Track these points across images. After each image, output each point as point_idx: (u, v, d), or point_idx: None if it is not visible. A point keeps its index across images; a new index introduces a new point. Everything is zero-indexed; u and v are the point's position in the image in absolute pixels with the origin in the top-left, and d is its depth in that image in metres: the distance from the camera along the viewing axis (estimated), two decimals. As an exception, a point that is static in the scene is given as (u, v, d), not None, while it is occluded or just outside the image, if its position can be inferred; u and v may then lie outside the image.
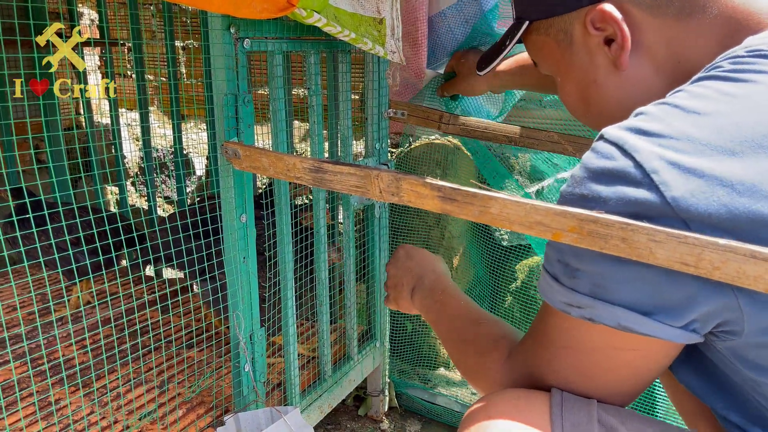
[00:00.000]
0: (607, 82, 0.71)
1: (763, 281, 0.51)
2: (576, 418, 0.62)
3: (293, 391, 1.28)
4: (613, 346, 0.62)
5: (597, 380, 0.65)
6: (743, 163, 0.52)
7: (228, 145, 0.98)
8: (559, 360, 0.67)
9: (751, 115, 0.53)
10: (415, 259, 1.05)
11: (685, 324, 0.57)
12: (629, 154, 0.55)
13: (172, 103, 1.84)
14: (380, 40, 1.11)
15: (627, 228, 0.57)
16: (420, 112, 1.46)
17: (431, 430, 1.66)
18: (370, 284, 1.55)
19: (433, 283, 0.98)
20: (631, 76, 0.69)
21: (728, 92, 0.55)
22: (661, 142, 0.54)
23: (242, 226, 1.06)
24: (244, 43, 0.99)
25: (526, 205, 0.65)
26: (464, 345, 0.84)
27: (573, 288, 0.60)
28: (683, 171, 0.52)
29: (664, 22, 0.66)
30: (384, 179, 0.79)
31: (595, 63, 0.71)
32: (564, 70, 0.76)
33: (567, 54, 0.74)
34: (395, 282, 1.05)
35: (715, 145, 0.53)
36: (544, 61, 0.80)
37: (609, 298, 0.58)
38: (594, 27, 0.69)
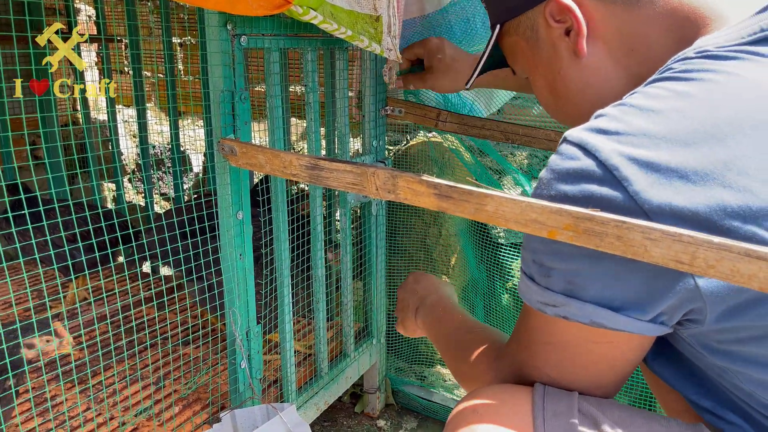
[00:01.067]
0: (570, 71, 0.75)
1: (757, 279, 0.51)
2: (557, 407, 0.65)
3: (289, 388, 1.28)
4: (589, 340, 0.65)
5: (577, 374, 0.68)
6: (697, 153, 0.54)
7: (224, 142, 0.98)
8: (539, 357, 0.70)
9: (702, 110, 0.56)
10: (421, 283, 1.10)
11: (653, 317, 0.60)
12: (591, 154, 0.57)
13: (169, 99, 1.84)
14: (377, 37, 1.10)
15: (622, 226, 0.57)
16: (417, 110, 1.46)
17: (427, 427, 1.66)
18: (367, 282, 1.56)
19: (435, 302, 1.03)
20: (590, 63, 0.73)
21: (680, 91, 0.58)
22: (620, 140, 0.57)
23: (238, 223, 1.06)
24: (241, 39, 0.99)
25: (522, 203, 0.65)
26: (458, 353, 0.88)
27: (547, 287, 0.63)
28: (643, 165, 0.55)
29: (614, 10, 0.70)
30: (380, 176, 0.79)
31: (559, 54, 0.75)
32: (534, 67, 0.81)
33: (535, 50, 0.79)
34: (402, 305, 1.10)
35: (670, 138, 0.56)
36: (518, 62, 0.85)
37: (581, 296, 0.61)
38: (554, 20, 0.73)
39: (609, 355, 0.66)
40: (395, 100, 1.48)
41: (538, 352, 0.70)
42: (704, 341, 0.62)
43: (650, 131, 0.57)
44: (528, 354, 0.72)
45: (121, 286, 1.76)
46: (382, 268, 1.58)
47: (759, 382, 0.62)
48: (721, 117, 0.55)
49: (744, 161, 0.54)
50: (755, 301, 0.56)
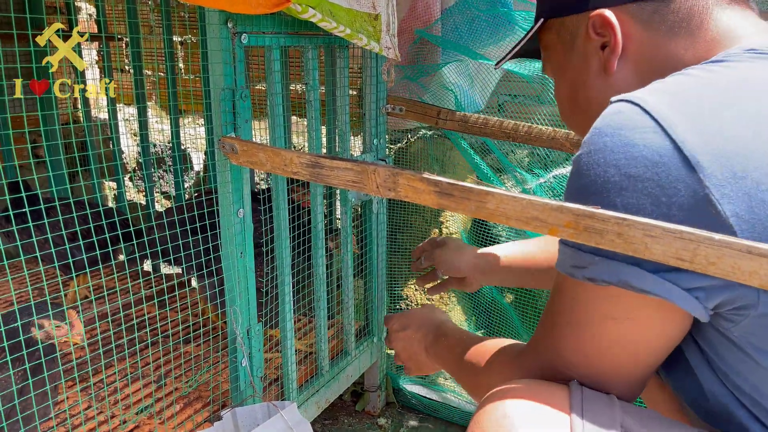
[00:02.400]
0: (595, 84, 0.77)
1: (758, 276, 0.51)
2: (597, 418, 0.61)
3: (290, 386, 1.28)
4: (609, 315, 0.63)
5: (597, 360, 0.66)
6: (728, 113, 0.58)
7: (225, 140, 0.98)
8: (561, 340, 0.68)
9: (712, 88, 0.61)
10: (410, 327, 1.10)
11: (690, 288, 0.57)
12: (636, 104, 0.60)
13: (170, 97, 1.84)
14: (375, 36, 1.10)
15: (623, 223, 0.57)
16: (418, 108, 1.46)
17: (428, 425, 1.66)
18: (368, 280, 1.56)
19: (437, 336, 1.04)
20: (616, 82, 0.75)
21: (695, 74, 0.63)
22: (660, 95, 0.60)
23: (239, 221, 1.06)
24: (242, 38, 0.99)
25: (523, 201, 0.65)
26: (472, 368, 0.87)
27: (578, 247, 0.63)
28: (682, 114, 0.58)
29: (654, 36, 0.72)
30: (381, 174, 0.79)
31: (589, 66, 0.77)
32: (562, 70, 0.82)
33: (569, 55, 0.80)
34: (408, 355, 1.10)
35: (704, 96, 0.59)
36: (549, 60, 0.86)
37: (612, 255, 0.60)
38: (595, 31, 0.75)
39: (629, 337, 0.63)
40: (395, 97, 1.48)
41: (560, 334, 0.68)
42: (757, 340, 0.59)
43: (672, 90, 0.60)
44: (551, 339, 0.70)
45: (122, 284, 1.76)
46: (383, 266, 1.58)
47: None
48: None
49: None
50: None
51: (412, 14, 1.55)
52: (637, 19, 0.72)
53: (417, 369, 1.11)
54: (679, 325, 0.62)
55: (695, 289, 0.57)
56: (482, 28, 1.45)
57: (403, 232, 1.84)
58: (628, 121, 0.58)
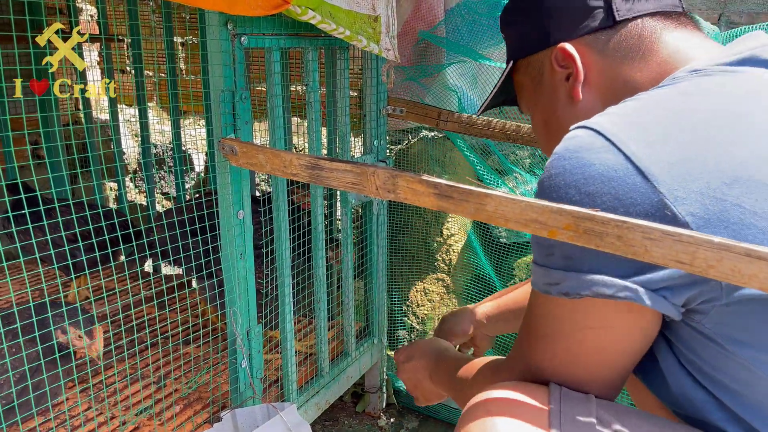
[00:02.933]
0: (564, 113, 0.83)
1: (758, 280, 0.51)
2: (576, 410, 0.65)
3: (290, 387, 1.28)
4: (585, 325, 0.67)
5: (574, 368, 0.69)
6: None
7: (225, 141, 0.98)
8: (537, 351, 0.72)
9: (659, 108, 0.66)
10: (414, 357, 1.17)
11: (657, 288, 0.61)
12: (590, 128, 0.65)
13: (171, 99, 1.84)
14: (375, 37, 1.10)
15: (623, 226, 0.57)
16: (418, 109, 1.46)
17: (428, 426, 1.66)
18: (368, 281, 1.55)
19: (437, 365, 1.12)
20: (583, 108, 0.81)
21: (644, 97, 0.68)
22: (612, 119, 0.65)
23: (239, 223, 1.06)
24: (242, 39, 0.99)
25: (522, 203, 0.65)
26: (461, 383, 0.94)
27: (548, 265, 0.67)
28: (634, 136, 0.63)
29: (611, 63, 0.78)
30: (380, 176, 0.79)
31: (557, 96, 0.84)
32: (535, 104, 0.90)
33: (538, 89, 0.87)
34: (413, 384, 1.17)
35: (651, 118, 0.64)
36: (523, 98, 0.93)
37: (579, 268, 0.64)
38: (559, 65, 0.82)
39: (605, 344, 0.67)
40: (396, 99, 1.48)
41: (536, 346, 0.72)
42: (727, 329, 0.62)
43: (636, 113, 0.65)
44: (528, 349, 0.73)
45: (122, 285, 1.76)
46: (384, 267, 1.58)
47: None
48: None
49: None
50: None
51: (416, 15, 1.55)
52: (594, 48, 0.79)
53: (424, 398, 1.17)
54: (650, 326, 0.66)
55: (662, 289, 0.61)
56: (483, 30, 1.45)
57: (403, 233, 1.84)
58: (584, 143, 0.62)
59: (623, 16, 0.78)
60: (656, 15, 0.78)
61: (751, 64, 0.68)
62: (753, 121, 0.60)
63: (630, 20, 0.78)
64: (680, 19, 0.79)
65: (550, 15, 0.83)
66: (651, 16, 0.78)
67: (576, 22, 0.80)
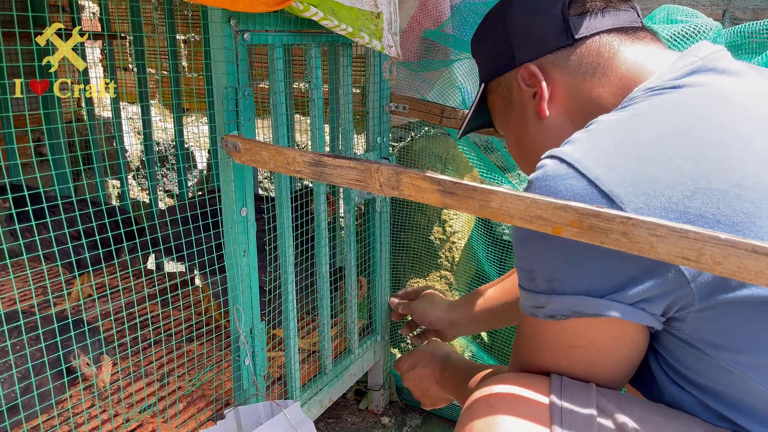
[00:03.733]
0: (534, 129, 0.87)
1: (765, 276, 0.50)
2: (575, 399, 0.68)
3: (293, 384, 1.28)
4: (574, 344, 0.71)
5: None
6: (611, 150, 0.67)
7: (228, 138, 0.98)
8: (528, 365, 0.77)
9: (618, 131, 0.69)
10: (419, 365, 1.23)
11: (635, 302, 0.64)
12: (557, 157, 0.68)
13: (173, 96, 1.84)
14: (377, 34, 1.10)
15: (628, 222, 0.57)
16: (421, 106, 1.46)
17: (432, 424, 1.66)
18: (372, 278, 1.55)
19: (442, 371, 1.18)
20: (551, 124, 0.85)
21: (604, 120, 0.70)
22: (576, 147, 0.68)
23: (242, 220, 1.06)
24: (245, 36, 0.98)
25: (527, 199, 0.65)
26: (466, 391, 0.98)
27: (533, 290, 0.70)
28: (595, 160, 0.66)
29: (573, 80, 0.82)
30: (384, 173, 0.79)
31: (526, 114, 0.88)
32: (507, 123, 0.94)
33: (509, 108, 0.91)
34: (421, 391, 1.24)
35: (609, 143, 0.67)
36: (496, 118, 0.97)
37: (561, 291, 0.67)
38: (525, 84, 0.86)
39: (594, 359, 0.71)
40: (399, 96, 1.47)
41: (527, 361, 0.77)
42: (705, 334, 0.65)
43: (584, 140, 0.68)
44: (521, 363, 0.78)
45: (126, 282, 1.76)
46: (387, 265, 1.57)
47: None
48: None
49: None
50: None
51: (422, 11, 1.55)
52: (556, 66, 0.83)
53: (431, 403, 1.24)
54: (637, 337, 0.69)
55: (639, 302, 0.64)
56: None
57: (406, 231, 1.84)
58: (551, 172, 0.66)
59: (581, 33, 0.81)
60: (613, 31, 0.81)
61: (702, 72, 0.71)
62: (698, 135, 0.63)
63: (588, 37, 0.81)
64: (638, 34, 0.82)
65: (513, 36, 0.87)
66: (608, 32, 0.81)
67: (537, 41, 0.84)
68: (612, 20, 0.81)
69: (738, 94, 0.68)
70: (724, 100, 0.67)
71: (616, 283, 0.64)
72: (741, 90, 0.69)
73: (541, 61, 0.84)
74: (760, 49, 1.15)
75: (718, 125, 0.63)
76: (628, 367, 0.72)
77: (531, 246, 0.69)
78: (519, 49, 0.86)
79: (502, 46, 0.89)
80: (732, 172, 0.60)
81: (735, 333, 0.63)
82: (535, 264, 0.69)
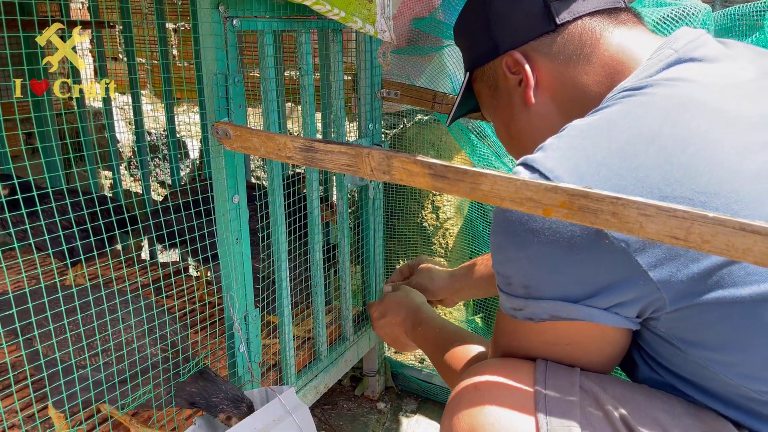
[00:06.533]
0: (521, 116, 0.87)
1: (752, 254, 0.51)
2: (558, 383, 0.71)
3: (289, 371, 1.29)
4: (552, 343, 0.73)
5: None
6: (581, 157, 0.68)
7: (218, 125, 0.97)
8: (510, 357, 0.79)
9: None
10: (388, 314, 1.28)
11: (609, 306, 0.66)
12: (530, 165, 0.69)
13: (164, 82, 1.82)
14: (370, 18, 1.09)
15: (617, 203, 0.57)
16: (413, 92, 1.45)
17: (427, 409, 1.67)
18: (365, 266, 1.56)
19: (414, 324, 1.23)
20: (538, 111, 0.85)
21: (577, 125, 0.70)
22: (547, 154, 0.70)
23: (234, 207, 1.06)
24: (233, 22, 0.98)
25: (517, 182, 0.65)
26: (447, 364, 1.05)
27: (510, 293, 0.72)
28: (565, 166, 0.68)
29: (558, 66, 0.82)
30: (375, 157, 0.79)
31: (513, 101, 0.88)
32: (494, 110, 0.93)
33: (495, 96, 0.91)
34: (391, 339, 1.30)
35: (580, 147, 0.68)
36: (484, 106, 0.97)
37: (537, 296, 0.69)
38: (510, 71, 0.86)
39: (572, 357, 0.73)
40: (391, 82, 1.47)
41: (509, 354, 0.79)
42: (679, 332, 0.67)
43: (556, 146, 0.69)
44: (502, 355, 0.81)
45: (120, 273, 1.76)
46: (380, 251, 1.58)
47: (738, 372, 0.65)
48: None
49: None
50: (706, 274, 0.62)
51: None
52: (540, 53, 0.83)
53: (401, 348, 1.31)
54: (616, 335, 0.71)
55: (613, 307, 0.66)
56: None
57: (399, 218, 1.84)
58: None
59: (564, 19, 0.81)
60: (596, 14, 0.81)
61: (678, 64, 0.71)
62: (664, 143, 0.63)
63: (571, 22, 0.81)
64: (620, 16, 0.81)
65: (496, 24, 0.86)
66: (591, 15, 0.81)
67: (521, 29, 0.84)
68: (594, 2, 0.81)
69: (708, 91, 0.67)
70: (693, 101, 0.66)
71: (589, 290, 0.66)
72: (714, 83, 0.68)
73: (524, 48, 0.84)
74: (750, 32, 1.15)
75: (684, 130, 0.63)
76: (610, 361, 0.75)
77: (506, 253, 0.70)
78: (502, 37, 0.86)
79: (485, 35, 0.88)
80: (697, 180, 0.61)
81: (706, 333, 0.65)
82: (511, 271, 0.71)
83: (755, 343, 0.63)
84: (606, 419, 0.67)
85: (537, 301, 0.69)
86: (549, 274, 0.67)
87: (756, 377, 0.65)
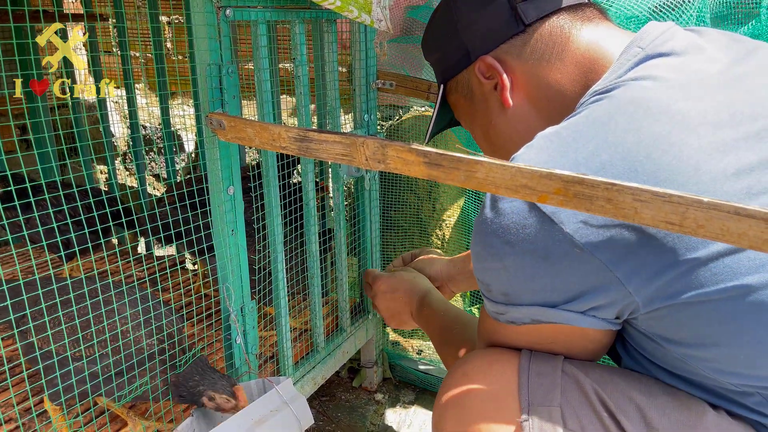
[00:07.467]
0: (500, 120, 0.87)
1: (747, 238, 0.51)
2: (541, 368, 0.74)
3: (286, 363, 1.29)
4: (536, 342, 0.76)
5: None
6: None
7: (212, 116, 0.97)
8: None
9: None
10: (400, 290, 1.28)
11: (585, 310, 0.68)
12: None
13: (158, 73, 1.81)
14: (366, 8, 1.09)
15: (612, 189, 0.57)
16: (408, 83, 1.45)
17: (425, 399, 1.68)
18: (362, 257, 1.55)
19: (421, 305, 1.23)
20: (516, 113, 0.85)
21: (548, 135, 0.71)
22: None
23: (230, 198, 1.05)
24: (227, 12, 0.97)
25: (512, 169, 0.65)
26: (446, 348, 1.07)
27: (492, 299, 0.74)
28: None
29: (531, 66, 0.82)
30: (370, 146, 0.78)
31: (490, 107, 0.87)
32: (472, 119, 0.93)
33: (471, 105, 0.91)
34: (391, 314, 1.30)
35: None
36: (461, 116, 0.97)
37: (517, 302, 0.71)
38: (484, 77, 0.85)
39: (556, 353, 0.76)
40: (386, 72, 1.46)
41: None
42: (657, 330, 0.69)
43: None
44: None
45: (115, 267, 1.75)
46: (377, 243, 1.58)
47: (713, 367, 0.68)
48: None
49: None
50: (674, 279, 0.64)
51: None
52: (512, 55, 0.83)
53: (397, 325, 1.30)
54: (596, 335, 0.73)
55: (590, 310, 0.68)
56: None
57: (395, 209, 1.84)
58: (498, 194, 0.67)
59: (531, 19, 0.81)
60: (562, 11, 0.81)
61: (645, 61, 0.72)
62: (628, 149, 0.64)
63: (540, 21, 0.81)
64: (585, 13, 0.82)
65: (465, 31, 0.86)
66: (557, 13, 0.81)
67: (490, 33, 0.83)
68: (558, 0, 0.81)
69: (674, 90, 0.67)
70: (657, 104, 0.66)
71: (566, 296, 0.68)
72: (679, 80, 0.68)
73: (496, 52, 0.84)
74: (746, 20, 1.14)
75: (648, 136, 0.64)
76: (595, 355, 0.77)
77: (484, 263, 0.72)
78: (472, 44, 0.85)
79: (455, 43, 0.88)
80: (662, 185, 0.61)
81: (681, 331, 0.67)
82: (490, 279, 0.73)
83: (727, 340, 0.65)
84: (586, 401, 0.71)
85: (516, 307, 0.71)
86: (526, 282, 0.69)
87: (731, 372, 0.67)
